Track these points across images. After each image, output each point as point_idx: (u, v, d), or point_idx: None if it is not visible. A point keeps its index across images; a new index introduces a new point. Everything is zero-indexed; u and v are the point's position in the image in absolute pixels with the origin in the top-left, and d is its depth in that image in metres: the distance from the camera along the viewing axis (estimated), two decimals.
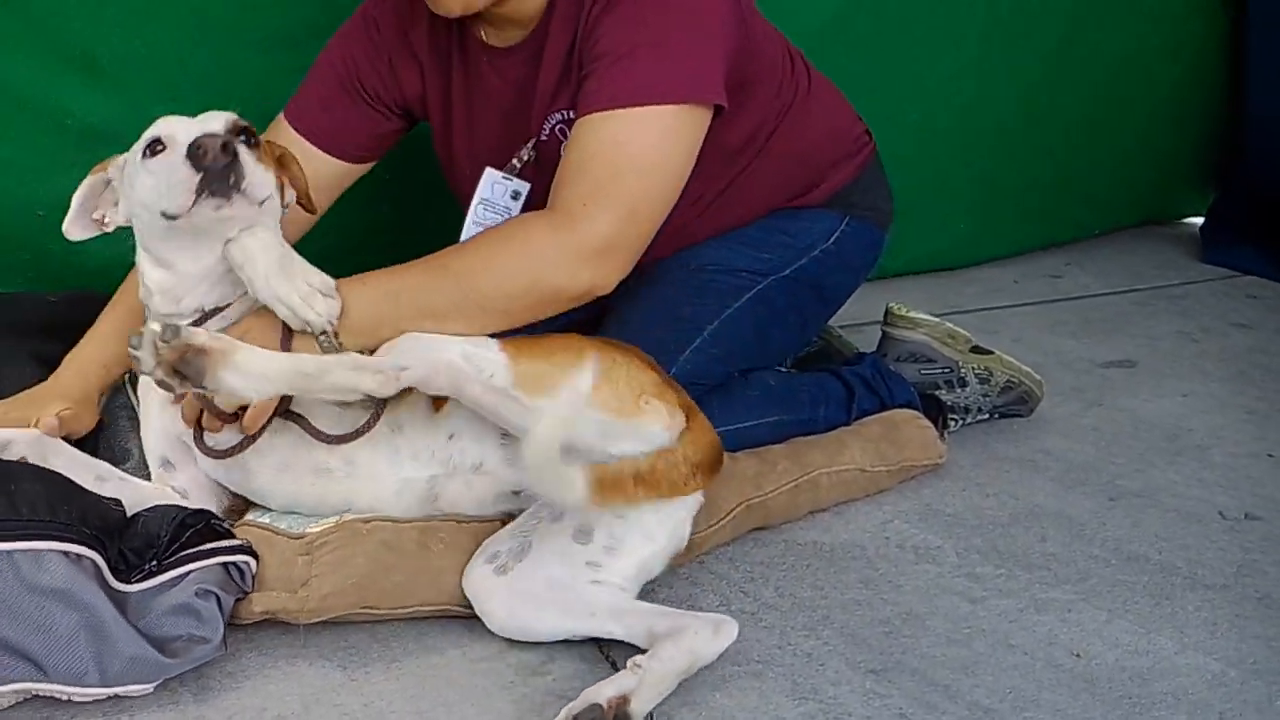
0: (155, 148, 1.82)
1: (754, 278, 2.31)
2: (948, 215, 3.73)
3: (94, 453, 2.03)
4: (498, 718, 1.73)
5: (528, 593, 1.83)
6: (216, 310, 1.88)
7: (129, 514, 1.81)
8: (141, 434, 1.98)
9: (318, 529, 1.87)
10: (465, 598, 1.87)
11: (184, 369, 1.57)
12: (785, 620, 1.96)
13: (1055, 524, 2.30)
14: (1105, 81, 3.94)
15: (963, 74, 3.61)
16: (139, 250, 1.92)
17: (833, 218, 2.40)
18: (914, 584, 2.09)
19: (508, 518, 1.95)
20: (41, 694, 1.69)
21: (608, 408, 1.82)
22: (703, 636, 1.75)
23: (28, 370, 2.09)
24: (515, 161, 2.18)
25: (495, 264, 1.87)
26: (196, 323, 1.85)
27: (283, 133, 2.23)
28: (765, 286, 2.32)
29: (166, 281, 1.88)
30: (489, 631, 1.85)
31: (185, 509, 1.83)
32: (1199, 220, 4.36)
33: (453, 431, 1.92)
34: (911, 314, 2.65)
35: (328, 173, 2.24)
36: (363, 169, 2.29)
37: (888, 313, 2.68)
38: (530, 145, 2.16)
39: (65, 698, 1.69)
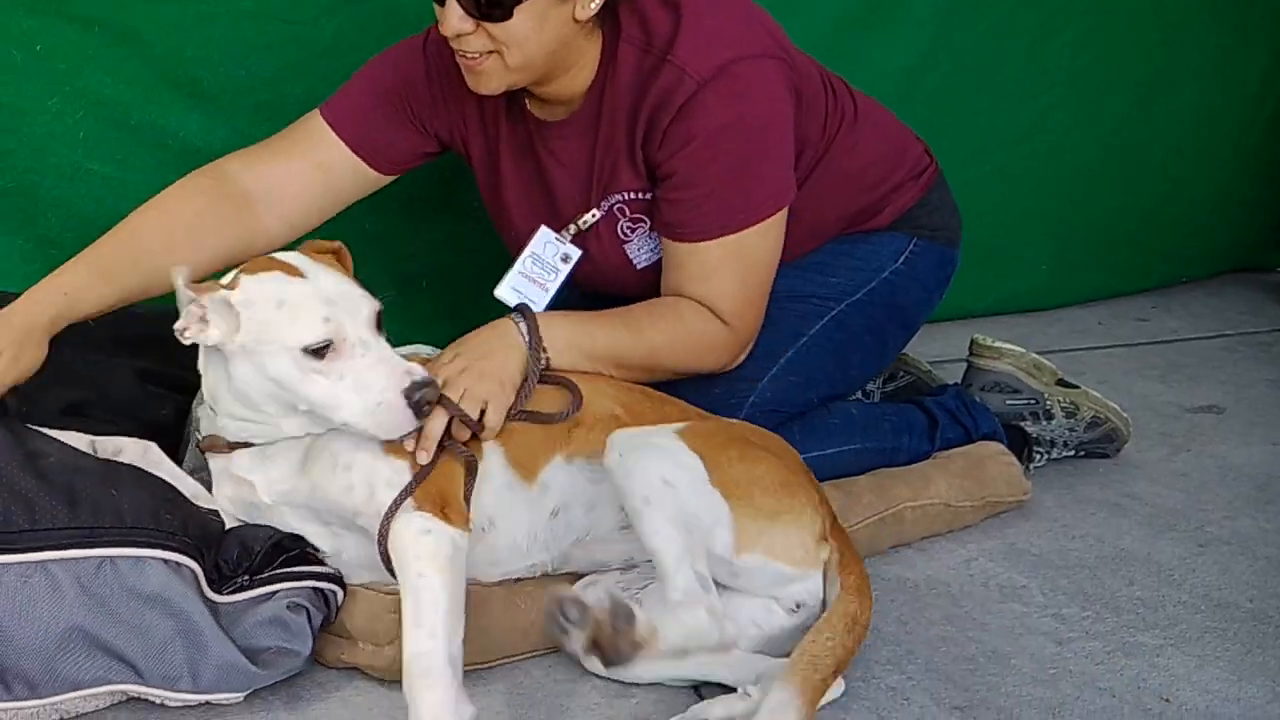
0: (322, 351, 1.73)
1: (826, 303, 2.32)
2: (1029, 259, 3.70)
3: None
4: None
5: None
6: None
7: (226, 528, 1.84)
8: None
9: None
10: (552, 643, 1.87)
11: (612, 654, 1.59)
12: (870, 655, 1.94)
13: (1143, 568, 2.27)
14: (1189, 131, 3.89)
15: (1045, 120, 3.60)
16: (218, 378, 1.82)
17: (900, 238, 2.40)
18: (999, 622, 2.07)
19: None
20: (136, 696, 1.73)
21: (795, 561, 1.83)
22: (763, 712, 1.68)
23: (133, 385, 2.12)
24: (572, 227, 2.21)
25: (679, 347, 2.11)
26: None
27: (313, 126, 2.21)
28: (840, 311, 2.32)
29: (235, 425, 1.83)
30: None
31: (281, 532, 1.85)
32: None
33: (556, 507, 1.93)
34: (997, 344, 2.63)
35: (350, 176, 2.22)
36: (383, 182, 2.28)
37: (973, 343, 2.67)
38: (589, 216, 2.20)
39: (159, 701, 1.73)
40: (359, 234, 2.43)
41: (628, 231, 2.18)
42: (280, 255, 1.83)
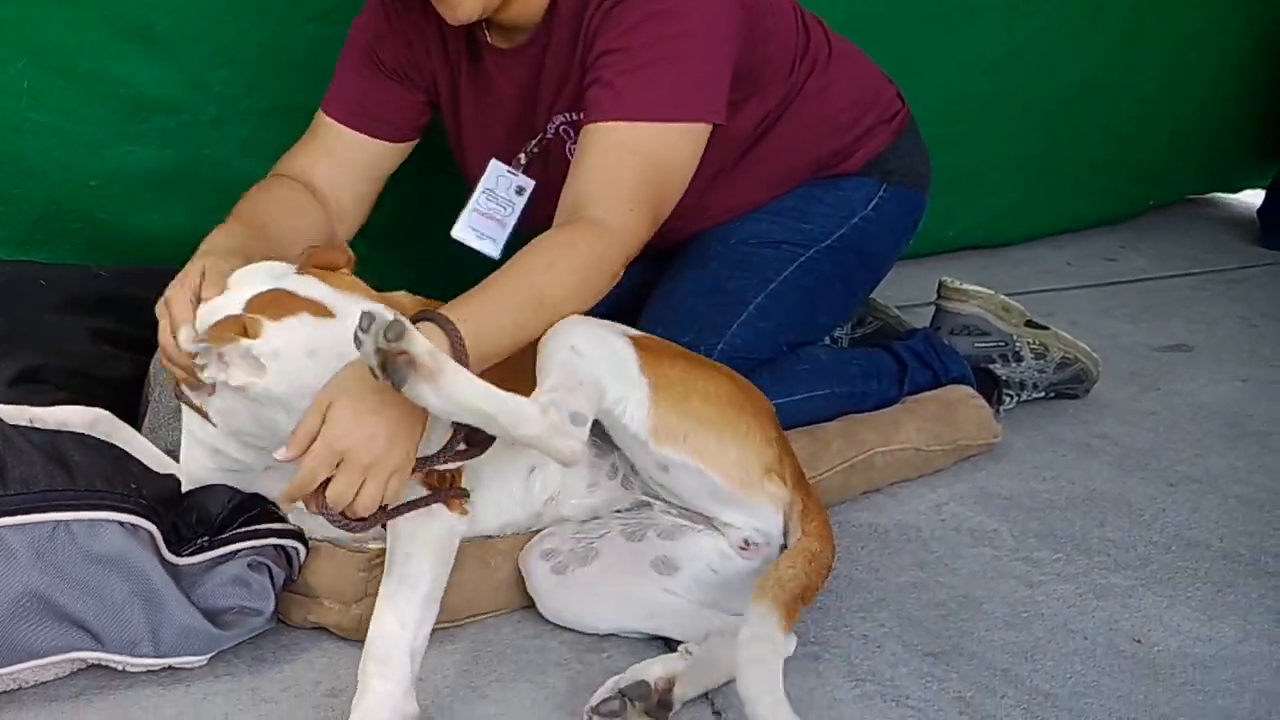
0: None
1: (796, 249, 2.29)
2: (999, 185, 3.66)
3: None
4: (551, 693, 1.72)
5: (587, 589, 1.82)
6: None
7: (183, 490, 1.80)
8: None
9: (377, 546, 1.79)
10: (526, 600, 1.86)
11: (391, 368, 1.48)
12: (841, 602, 1.93)
13: (1113, 509, 2.26)
14: (1174, 55, 3.86)
15: (1027, 47, 3.54)
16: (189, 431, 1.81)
17: (871, 184, 2.37)
18: (970, 567, 2.06)
19: None
20: (95, 663, 1.70)
21: (730, 477, 1.79)
22: (749, 623, 1.65)
23: (89, 346, 2.07)
24: (522, 156, 2.18)
25: (585, 291, 1.85)
26: None
27: (323, 129, 2.20)
28: (809, 257, 2.29)
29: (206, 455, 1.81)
30: None
31: (241, 493, 1.81)
32: (1256, 203, 4.28)
33: (533, 464, 1.89)
34: (965, 286, 2.61)
35: (371, 157, 2.21)
36: (405, 149, 2.26)
37: (941, 286, 2.64)
38: (535, 142, 2.17)
39: (120, 668, 1.70)
40: None
41: (573, 152, 2.09)
42: (292, 284, 1.69)
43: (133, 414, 2.03)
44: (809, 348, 2.32)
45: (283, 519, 1.84)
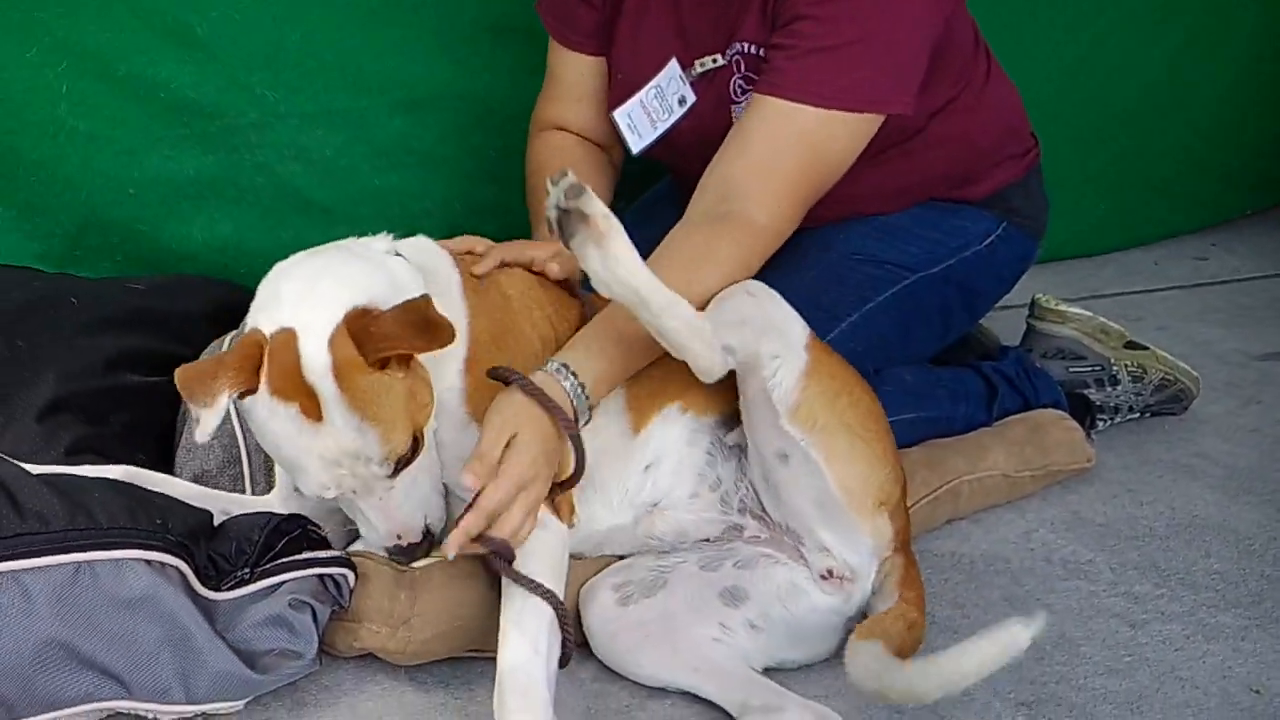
0: None
1: (900, 271, 2.15)
2: (1084, 197, 3.46)
3: None
4: None
5: (640, 625, 1.69)
6: None
7: (216, 522, 1.69)
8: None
9: (422, 563, 1.69)
10: (579, 634, 1.73)
11: (566, 223, 1.55)
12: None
13: (1219, 537, 2.09)
14: (1247, 55, 3.63)
15: (1095, 52, 3.34)
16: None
17: (991, 219, 2.24)
18: (1065, 603, 1.91)
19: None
20: (124, 712, 1.59)
21: (845, 489, 1.67)
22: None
23: (112, 372, 1.97)
24: (697, 66, 2.08)
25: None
26: None
27: (556, 54, 2.22)
28: (912, 283, 2.16)
29: None
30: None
31: (278, 515, 1.71)
32: None
33: (650, 461, 1.79)
34: (1060, 307, 2.45)
35: (598, 76, 2.20)
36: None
37: (1034, 304, 2.48)
38: (711, 61, 2.06)
39: (150, 716, 1.60)
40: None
41: (738, 91, 2.04)
42: (310, 365, 1.51)
43: (163, 440, 1.93)
44: (895, 369, 2.17)
45: (326, 542, 1.74)
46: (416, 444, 1.58)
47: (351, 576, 1.70)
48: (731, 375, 1.70)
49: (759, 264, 1.86)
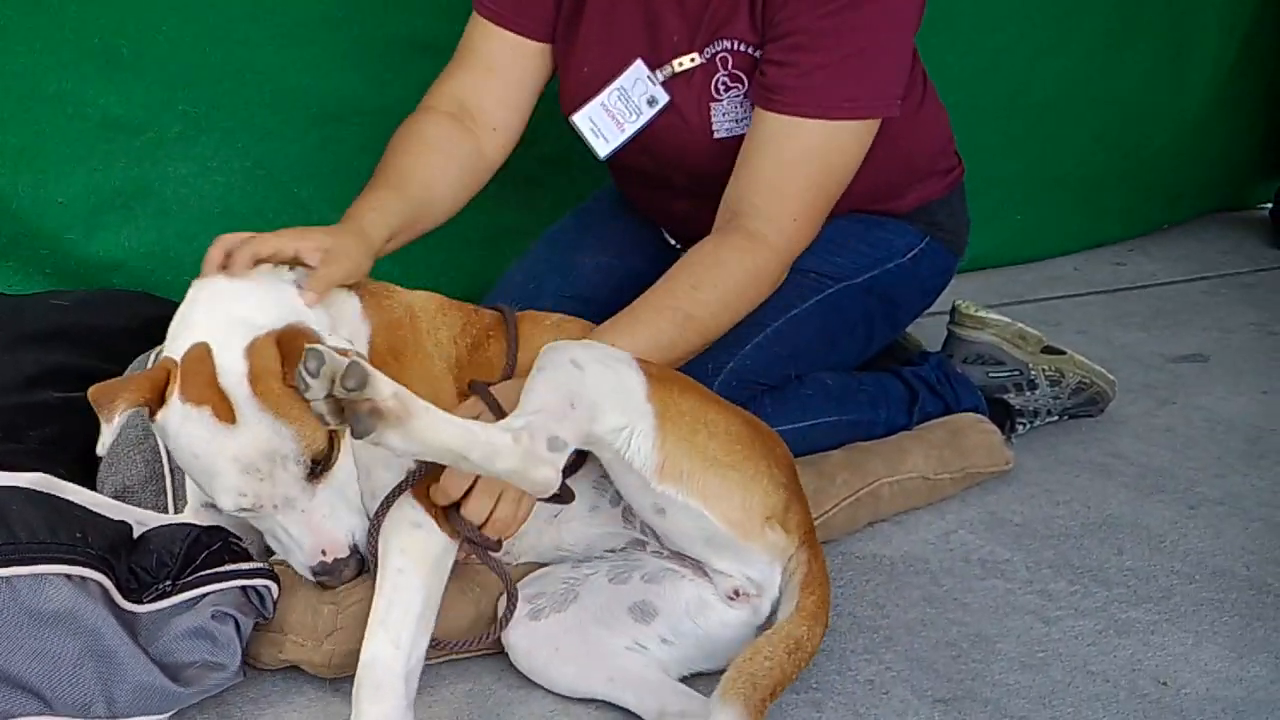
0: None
1: (823, 280, 2.18)
2: (999, 208, 3.50)
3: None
4: None
5: (553, 639, 1.70)
6: None
7: (136, 535, 1.69)
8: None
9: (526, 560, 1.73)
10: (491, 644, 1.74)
11: (352, 419, 1.37)
12: (844, 643, 1.82)
13: (1132, 535, 2.14)
14: (1159, 63, 3.69)
15: (1003, 57, 3.40)
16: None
17: (914, 234, 2.29)
18: (982, 602, 1.94)
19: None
20: None
21: (729, 521, 1.65)
22: None
23: (30, 389, 1.95)
24: (668, 68, 2.07)
25: (734, 309, 1.92)
26: None
27: (477, 28, 2.12)
28: (836, 292, 2.18)
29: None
30: None
31: (199, 527, 1.70)
32: (1268, 205, 4.16)
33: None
34: (980, 313, 2.49)
35: (526, 59, 2.13)
36: (549, 52, 2.17)
37: (955, 311, 2.52)
38: (688, 60, 2.05)
39: None
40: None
41: (721, 89, 2.04)
42: (225, 372, 1.56)
43: (84, 456, 1.92)
44: (816, 373, 2.20)
45: (248, 554, 1.74)
46: (333, 444, 1.60)
47: (275, 588, 1.70)
48: None
49: (771, 279, 1.93)
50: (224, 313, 1.62)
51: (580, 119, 2.11)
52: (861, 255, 2.24)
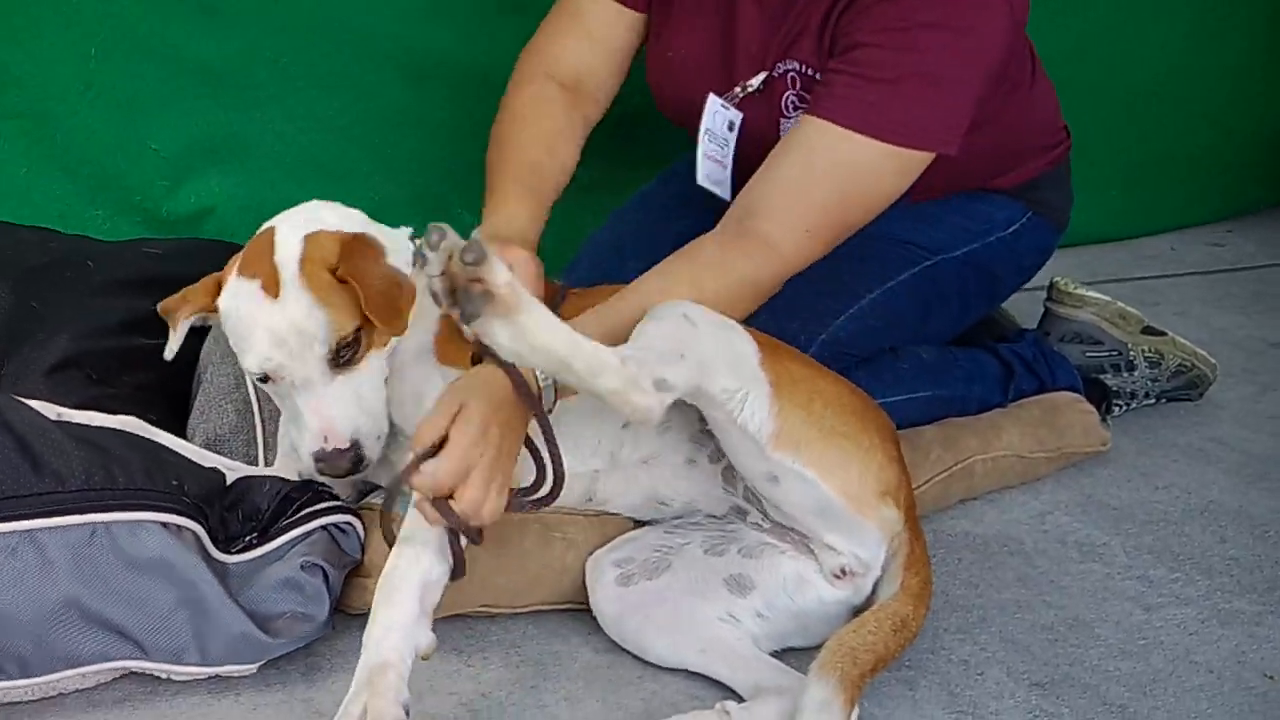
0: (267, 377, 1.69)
1: (922, 252, 2.13)
2: (1095, 185, 3.40)
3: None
4: (626, 715, 1.59)
5: (644, 608, 1.67)
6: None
7: (228, 483, 1.69)
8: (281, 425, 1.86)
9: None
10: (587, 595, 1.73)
11: (463, 298, 1.30)
12: (938, 621, 1.78)
13: (1235, 523, 2.08)
14: (1261, 40, 3.58)
15: (1107, 30, 3.31)
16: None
17: (1016, 207, 2.23)
18: (1079, 585, 1.90)
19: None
20: (138, 671, 1.59)
21: (846, 494, 1.61)
22: (806, 712, 1.46)
23: (125, 333, 1.96)
24: (739, 89, 2.02)
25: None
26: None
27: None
28: (933, 264, 2.14)
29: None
30: None
31: (289, 483, 1.71)
32: None
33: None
34: (1079, 291, 2.43)
35: (625, 29, 2.09)
36: (642, 21, 2.11)
37: (1052, 288, 2.46)
38: (757, 80, 2.00)
39: (164, 676, 1.60)
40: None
41: (790, 107, 1.98)
42: (281, 249, 1.66)
43: (175, 403, 1.94)
44: (911, 347, 2.16)
45: (336, 498, 1.75)
46: (359, 341, 1.66)
47: (358, 524, 1.71)
48: None
49: (771, 287, 1.80)
50: (308, 211, 1.75)
51: (704, 183, 2.04)
52: (960, 228, 2.19)
